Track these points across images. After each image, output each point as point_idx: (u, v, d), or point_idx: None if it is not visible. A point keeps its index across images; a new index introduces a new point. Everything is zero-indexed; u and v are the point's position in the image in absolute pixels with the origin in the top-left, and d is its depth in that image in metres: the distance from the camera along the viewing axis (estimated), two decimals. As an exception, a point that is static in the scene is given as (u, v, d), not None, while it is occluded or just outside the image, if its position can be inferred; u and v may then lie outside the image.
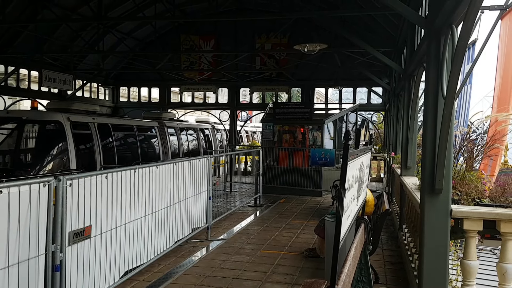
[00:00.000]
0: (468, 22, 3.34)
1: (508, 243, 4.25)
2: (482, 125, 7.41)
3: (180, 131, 17.61)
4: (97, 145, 11.83)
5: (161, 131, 15.84)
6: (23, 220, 3.85)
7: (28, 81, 17.76)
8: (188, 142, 18.40)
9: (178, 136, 17.23)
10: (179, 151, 17.12)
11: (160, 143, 15.69)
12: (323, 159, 13.67)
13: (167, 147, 16.01)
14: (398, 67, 11.34)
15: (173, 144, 16.89)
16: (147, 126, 15.68)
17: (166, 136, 16.02)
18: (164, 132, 16.03)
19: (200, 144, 19.39)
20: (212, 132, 21.32)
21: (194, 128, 19.75)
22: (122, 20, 17.42)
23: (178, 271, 6.44)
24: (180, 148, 17.26)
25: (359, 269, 4.67)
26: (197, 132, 19.61)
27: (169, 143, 16.15)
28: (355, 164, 3.56)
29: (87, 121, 11.92)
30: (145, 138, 15.45)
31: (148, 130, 15.60)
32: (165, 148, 15.82)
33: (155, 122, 15.89)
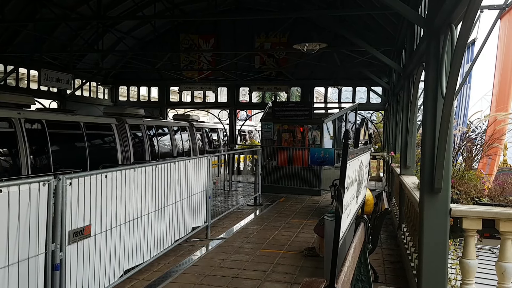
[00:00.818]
0: (468, 22, 3.35)
1: (507, 242, 4.26)
2: (481, 125, 7.41)
3: (147, 130, 15.09)
4: (23, 148, 9.26)
5: (120, 130, 13.37)
6: (23, 219, 3.85)
7: (27, 80, 17.75)
8: (158, 143, 15.88)
9: (144, 136, 14.75)
10: (144, 153, 14.53)
11: (118, 144, 13.06)
12: (323, 159, 13.67)
13: (128, 148, 13.41)
14: (397, 66, 11.35)
15: (138, 145, 14.36)
16: (101, 124, 12.94)
17: (127, 136, 13.56)
18: (125, 131, 13.56)
19: (174, 146, 16.84)
20: (191, 131, 18.77)
21: (166, 126, 17.17)
22: (122, 19, 17.43)
23: (178, 270, 6.44)
24: (146, 150, 14.66)
25: (358, 268, 4.68)
26: (170, 132, 16.97)
27: (130, 144, 13.56)
28: (355, 163, 3.56)
29: (10, 116, 9.26)
30: (96, 138, 12.73)
31: (102, 128, 12.86)
32: (124, 150, 13.24)
33: (113, 119, 13.39)
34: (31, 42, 16.07)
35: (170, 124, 17.62)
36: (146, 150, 14.64)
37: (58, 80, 16.96)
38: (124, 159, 13.08)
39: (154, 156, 14.95)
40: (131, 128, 13.92)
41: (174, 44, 19.77)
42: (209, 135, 20.98)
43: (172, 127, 17.24)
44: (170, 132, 16.85)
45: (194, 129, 19.05)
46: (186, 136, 18.16)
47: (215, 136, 22.23)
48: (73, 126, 11.53)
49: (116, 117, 13.63)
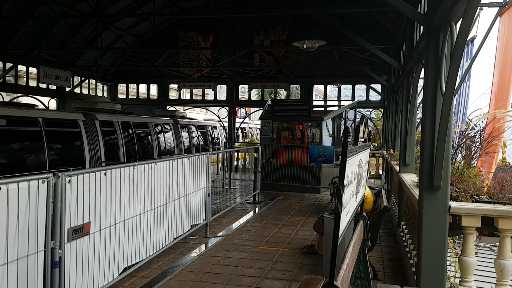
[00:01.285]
0: (467, 19, 3.34)
1: (506, 240, 4.27)
2: (481, 122, 7.41)
3: (123, 127, 13.63)
4: None
5: (88, 127, 11.91)
6: (22, 217, 3.85)
7: (26, 78, 17.73)
8: (136, 142, 14.38)
9: (118, 134, 13.29)
10: (118, 153, 13.13)
11: (86, 143, 11.74)
12: (322, 156, 13.67)
13: (97, 148, 12.03)
14: (397, 64, 11.34)
15: (110, 145, 13.02)
16: (64, 120, 11.61)
17: (96, 134, 12.09)
18: (94, 129, 12.08)
19: (155, 145, 15.52)
20: (175, 128, 17.41)
21: (146, 123, 15.61)
22: (121, 16, 17.39)
23: (177, 268, 6.45)
24: (120, 150, 13.30)
25: (357, 265, 4.69)
26: (151, 129, 15.51)
27: (100, 143, 12.18)
28: (354, 161, 3.56)
29: None
30: (57, 136, 11.29)
31: (66, 125, 11.58)
32: (94, 149, 11.89)
33: (79, 115, 11.97)
34: (30, 39, 16.04)
35: (151, 120, 16.05)
36: (120, 150, 13.22)
37: (57, 77, 16.94)
38: (92, 160, 11.66)
39: (130, 156, 13.54)
40: (102, 125, 12.51)
41: (173, 42, 19.74)
42: (198, 133, 19.87)
43: (153, 123, 15.75)
44: (151, 129, 15.43)
45: (179, 126, 17.73)
46: (170, 134, 17.04)
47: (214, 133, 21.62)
48: (30, 123, 10.22)
49: (84, 113, 12.23)
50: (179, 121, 18.01)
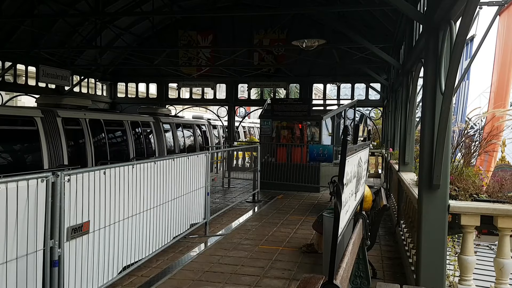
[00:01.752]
0: (467, 18, 3.34)
1: (505, 239, 4.27)
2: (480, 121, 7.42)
3: (91, 126, 12.17)
4: None
5: (48, 125, 10.50)
6: (21, 216, 3.84)
7: (25, 77, 17.71)
8: (107, 142, 12.85)
9: (86, 133, 11.79)
10: (86, 154, 11.72)
11: (44, 144, 10.25)
12: (321, 155, 13.69)
13: (59, 149, 10.61)
14: (396, 62, 11.34)
15: (75, 145, 11.79)
16: (18, 118, 10.33)
17: (58, 133, 10.71)
18: (56, 127, 10.69)
19: (131, 145, 13.80)
20: (156, 127, 15.84)
21: (120, 121, 13.94)
22: (120, 15, 17.35)
23: (177, 267, 6.45)
24: (88, 151, 11.78)
25: (357, 264, 4.69)
26: (127, 128, 13.82)
27: (63, 144, 10.73)
28: (354, 160, 3.56)
29: None
30: (11, 137, 10.08)
31: (21, 123, 10.29)
32: (55, 150, 10.46)
33: (37, 111, 10.63)
34: (29, 38, 16.01)
35: (127, 118, 14.27)
36: (88, 152, 11.76)
37: (56, 76, 16.93)
38: (52, 163, 10.23)
39: (100, 158, 12.19)
40: (65, 123, 11.04)
41: (173, 41, 19.72)
42: (184, 132, 18.24)
43: (129, 122, 14.00)
44: (127, 128, 13.83)
45: (162, 124, 16.12)
46: (150, 134, 15.45)
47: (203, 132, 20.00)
48: None
49: (43, 109, 10.85)
50: (161, 119, 16.45)
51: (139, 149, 14.46)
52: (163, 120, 16.59)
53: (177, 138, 17.28)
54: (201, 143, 19.61)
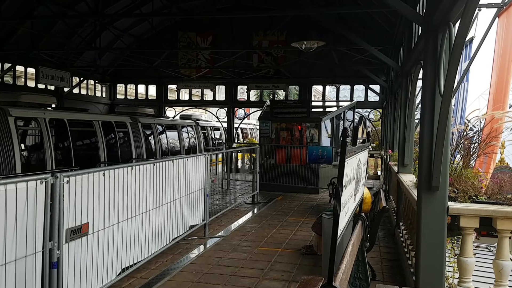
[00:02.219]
0: (466, 20, 3.35)
1: (505, 240, 4.27)
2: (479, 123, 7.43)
3: (51, 128, 10.45)
4: None
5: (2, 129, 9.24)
6: (20, 217, 3.84)
7: (24, 78, 17.71)
8: (73, 145, 11.11)
9: (46, 136, 10.20)
10: (45, 159, 10.19)
11: None
12: (321, 157, 13.69)
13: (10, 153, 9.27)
14: (395, 64, 11.36)
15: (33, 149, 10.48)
16: None
17: (9, 136, 9.36)
18: (7, 129, 9.32)
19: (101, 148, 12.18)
20: (134, 128, 14.08)
21: (89, 121, 12.19)
22: (119, 16, 17.38)
23: (176, 268, 6.44)
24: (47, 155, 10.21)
25: (356, 266, 4.69)
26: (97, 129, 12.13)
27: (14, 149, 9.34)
28: (353, 162, 3.56)
29: None
30: None
31: None
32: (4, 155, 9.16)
33: None
34: (28, 40, 16.02)
35: (97, 118, 12.59)
36: (47, 155, 10.19)
37: (55, 78, 16.93)
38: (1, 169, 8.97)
39: (62, 163, 10.74)
40: (18, 124, 9.70)
41: (172, 42, 19.74)
42: (167, 134, 16.64)
43: (100, 122, 12.34)
44: (97, 129, 12.17)
45: (140, 125, 14.57)
46: (126, 135, 13.79)
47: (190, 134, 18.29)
48: None
49: None
50: (139, 119, 14.75)
51: (113, 152, 12.82)
52: (142, 120, 14.91)
53: (159, 140, 15.73)
54: (188, 145, 18.16)
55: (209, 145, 20.77)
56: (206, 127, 21.42)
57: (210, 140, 21.37)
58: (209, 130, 21.61)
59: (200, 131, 19.54)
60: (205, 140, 20.48)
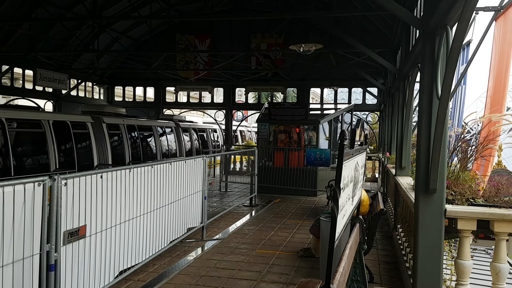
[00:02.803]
0: (463, 23, 3.36)
1: (502, 243, 4.28)
2: (476, 126, 7.45)
3: None
4: None
5: None
6: (17, 220, 3.83)
7: (22, 80, 17.68)
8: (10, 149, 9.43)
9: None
10: None
11: None
12: (318, 159, 13.69)
13: None
14: (393, 67, 11.39)
15: None
16: None
17: None
18: None
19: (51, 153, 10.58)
20: (96, 130, 12.57)
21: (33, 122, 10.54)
22: (117, 19, 17.39)
23: (173, 271, 6.43)
24: None
25: (354, 268, 4.69)
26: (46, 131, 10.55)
27: None
28: (350, 164, 3.57)
29: None
30: None
31: None
32: None
33: None
34: (26, 42, 16.01)
35: (46, 118, 10.84)
36: None
37: (53, 80, 16.90)
38: None
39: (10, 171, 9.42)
40: None
41: (170, 44, 19.75)
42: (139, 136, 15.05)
43: (50, 122, 10.68)
44: (47, 131, 10.56)
45: (105, 127, 12.97)
46: (86, 138, 12.10)
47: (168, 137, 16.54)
48: None
49: None
50: (103, 119, 13.06)
51: (68, 158, 11.29)
52: (107, 120, 13.24)
53: (128, 144, 14.11)
54: (167, 149, 16.82)
55: (208, 147, 20.74)
56: (205, 129, 21.43)
57: (210, 143, 21.33)
58: (208, 132, 21.62)
59: (181, 133, 18.05)
60: (203, 142, 20.46)
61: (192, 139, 19.40)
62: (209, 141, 21.32)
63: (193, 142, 19.40)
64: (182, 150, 17.81)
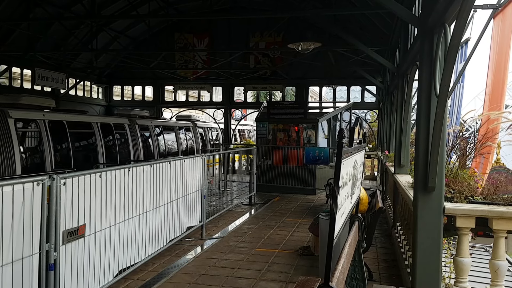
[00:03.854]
0: (461, 21, 3.37)
1: (500, 240, 4.29)
2: (475, 124, 7.46)
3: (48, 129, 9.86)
4: None
5: None
6: (16, 219, 3.83)
7: (20, 80, 17.66)
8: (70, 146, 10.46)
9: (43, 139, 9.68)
10: None
11: None
12: (317, 158, 13.70)
13: None
14: (391, 65, 11.39)
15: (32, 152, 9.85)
16: None
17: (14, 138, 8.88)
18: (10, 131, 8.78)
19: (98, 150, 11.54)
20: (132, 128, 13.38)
21: None
22: (116, 18, 17.37)
23: (173, 270, 6.43)
24: None
25: (353, 266, 4.70)
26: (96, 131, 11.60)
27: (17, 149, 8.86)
28: (349, 162, 3.57)
29: None
30: None
31: None
32: None
33: None
34: (25, 41, 15.98)
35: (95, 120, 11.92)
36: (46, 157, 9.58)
37: (51, 79, 16.87)
38: None
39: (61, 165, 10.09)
40: (17, 125, 9.09)
41: (169, 43, 19.73)
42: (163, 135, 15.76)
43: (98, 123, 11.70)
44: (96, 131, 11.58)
45: (137, 127, 13.95)
46: (124, 137, 13.15)
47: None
48: None
49: None
50: (137, 121, 13.56)
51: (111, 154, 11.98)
52: (139, 122, 13.54)
53: (156, 141, 15.02)
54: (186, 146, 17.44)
55: (206, 146, 20.74)
56: (204, 128, 21.42)
57: (208, 142, 21.33)
58: (206, 131, 21.60)
59: (198, 132, 19.49)
60: (202, 141, 20.48)
61: (207, 137, 21.14)
62: (219, 138, 22.56)
63: (207, 140, 21.04)
64: (198, 147, 19.20)
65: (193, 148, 18.70)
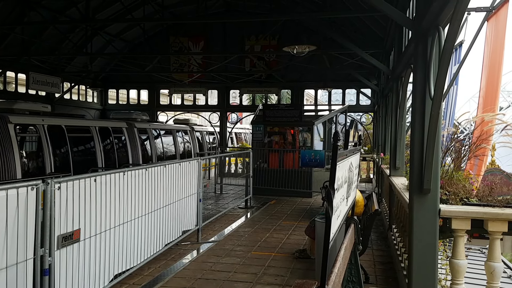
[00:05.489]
0: (455, 24, 3.38)
1: (496, 242, 4.30)
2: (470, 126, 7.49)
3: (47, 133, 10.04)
4: None
5: None
6: (10, 224, 3.80)
7: (15, 84, 17.58)
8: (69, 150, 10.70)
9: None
10: None
11: None
12: (313, 160, 13.72)
13: None
14: (386, 68, 11.44)
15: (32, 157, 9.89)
16: None
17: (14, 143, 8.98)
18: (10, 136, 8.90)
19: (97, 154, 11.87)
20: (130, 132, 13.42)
21: None
22: (110, 22, 17.33)
23: (169, 274, 6.41)
24: None
25: (349, 269, 4.70)
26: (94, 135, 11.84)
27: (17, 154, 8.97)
28: (344, 165, 3.58)
29: None
30: None
31: None
32: None
33: None
34: (19, 45, 15.92)
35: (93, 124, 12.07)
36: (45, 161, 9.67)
37: (46, 83, 16.80)
38: None
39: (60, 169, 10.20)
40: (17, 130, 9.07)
41: (164, 47, 19.72)
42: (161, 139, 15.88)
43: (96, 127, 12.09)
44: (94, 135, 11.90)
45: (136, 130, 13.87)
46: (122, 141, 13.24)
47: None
48: None
49: None
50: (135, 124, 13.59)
51: (110, 157, 12.14)
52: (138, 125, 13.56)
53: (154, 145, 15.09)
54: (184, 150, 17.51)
55: (203, 149, 20.75)
56: (201, 131, 21.49)
57: (205, 145, 21.38)
58: (203, 135, 21.67)
59: (195, 136, 19.80)
60: (199, 145, 20.51)
61: (204, 141, 21.52)
62: (216, 142, 22.71)
63: (204, 143, 21.41)
64: (195, 150, 19.47)
65: (190, 151, 18.96)
